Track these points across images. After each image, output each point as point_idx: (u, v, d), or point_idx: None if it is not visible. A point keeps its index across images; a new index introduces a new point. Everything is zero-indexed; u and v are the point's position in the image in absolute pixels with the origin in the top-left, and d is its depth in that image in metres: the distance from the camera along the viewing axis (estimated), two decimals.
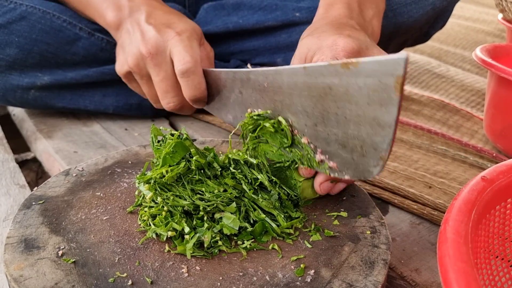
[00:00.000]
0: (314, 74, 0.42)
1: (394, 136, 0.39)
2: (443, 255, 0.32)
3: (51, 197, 0.49)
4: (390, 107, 0.37)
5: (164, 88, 0.64)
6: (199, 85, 0.61)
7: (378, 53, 0.49)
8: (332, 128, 0.43)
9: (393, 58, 0.35)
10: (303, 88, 0.44)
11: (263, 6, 0.81)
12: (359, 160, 0.42)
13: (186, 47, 0.61)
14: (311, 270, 0.40)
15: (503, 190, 0.41)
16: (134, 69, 0.65)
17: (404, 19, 0.81)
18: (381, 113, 0.38)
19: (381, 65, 0.36)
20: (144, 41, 0.63)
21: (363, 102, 0.39)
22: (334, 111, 0.42)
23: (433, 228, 0.60)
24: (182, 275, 0.39)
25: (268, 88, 0.48)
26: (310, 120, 0.45)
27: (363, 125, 0.40)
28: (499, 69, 0.71)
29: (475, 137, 0.85)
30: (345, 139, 0.42)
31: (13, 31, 0.74)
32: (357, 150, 0.42)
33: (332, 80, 0.41)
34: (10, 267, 0.39)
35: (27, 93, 0.79)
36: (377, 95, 0.38)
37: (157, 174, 0.45)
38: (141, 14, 0.66)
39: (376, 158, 0.40)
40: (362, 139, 0.41)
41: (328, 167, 0.45)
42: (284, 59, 0.82)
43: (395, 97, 0.36)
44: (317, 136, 0.45)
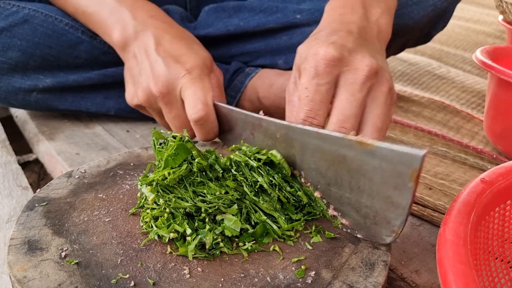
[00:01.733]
0: (328, 141, 0.42)
1: (407, 216, 0.39)
2: (443, 256, 0.32)
3: (54, 199, 0.49)
4: (405, 192, 0.37)
5: (177, 124, 0.63)
6: (212, 130, 0.61)
7: (360, 58, 0.49)
8: (345, 192, 0.43)
9: (411, 152, 0.36)
10: (315, 149, 0.43)
11: (264, 9, 0.81)
12: (372, 227, 0.42)
13: (197, 91, 0.59)
14: (311, 271, 0.40)
15: (502, 192, 0.41)
16: (145, 104, 0.65)
17: (405, 20, 0.82)
18: (395, 195, 0.38)
19: (398, 156, 0.37)
20: (154, 78, 0.61)
21: (377, 180, 0.39)
22: (347, 179, 0.42)
23: (433, 230, 0.60)
24: (184, 277, 0.39)
25: (280, 139, 0.47)
26: (323, 179, 0.44)
27: (377, 199, 0.40)
28: (499, 71, 0.71)
29: (475, 138, 0.85)
30: (358, 205, 0.42)
31: (15, 34, 0.74)
32: (370, 217, 0.41)
33: (346, 152, 0.40)
34: (14, 268, 0.39)
35: (29, 95, 0.79)
36: (392, 179, 0.38)
37: (159, 176, 0.45)
38: (148, 39, 0.65)
39: (389, 230, 0.40)
40: (375, 210, 0.41)
41: (341, 223, 0.45)
42: (285, 61, 0.82)
43: (410, 185, 0.37)
44: (330, 195, 0.45)
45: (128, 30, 0.67)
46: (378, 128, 0.49)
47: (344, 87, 0.49)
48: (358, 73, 0.49)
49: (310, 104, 0.48)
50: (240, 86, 0.82)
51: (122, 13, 0.68)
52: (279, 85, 0.78)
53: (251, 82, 0.81)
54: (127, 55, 0.68)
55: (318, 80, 0.49)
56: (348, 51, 0.50)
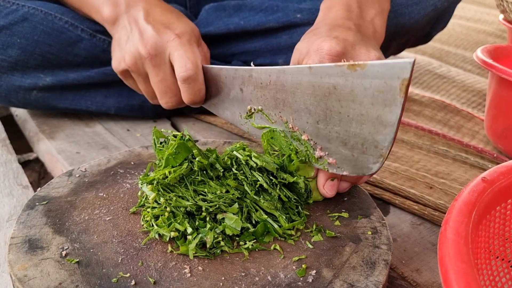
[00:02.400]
0: (320, 74, 0.43)
1: (395, 135, 0.40)
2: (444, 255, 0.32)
3: (54, 198, 0.49)
4: (394, 107, 0.39)
5: (162, 89, 0.64)
6: (198, 91, 0.61)
7: (365, 52, 0.50)
8: (334, 126, 0.44)
9: (400, 61, 0.37)
10: (307, 87, 0.45)
11: (265, 8, 0.81)
12: (359, 157, 0.43)
13: (187, 52, 0.60)
14: (312, 270, 0.40)
15: (504, 191, 0.41)
16: (132, 68, 0.65)
17: (405, 20, 0.82)
18: (384, 113, 0.39)
19: (388, 68, 0.38)
20: (143, 41, 0.62)
21: (367, 102, 0.40)
22: (337, 110, 0.43)
23: (434, 229, 0.60)
24: (185, 275, 0.39)
25: (270, 85, 0.49)
26: (312, 118, 0.46)
27: (366, 123, 0.41)
28: (500, 70, 0.71)
29: (476, 137, 0.85)
30: (346, 137, 0.43)
31: (15, 32, 0.74)
32: (358, 147, 0.43)
33: (337, 80, 0.42)
34: (15, 267, 0.39)
35: (29, 94, 0.79)
36: (382, 96, 0.39)
37: (160, 175, 0.45)
38: (138, 11, 0.66)
39: (376, 156, 0.42)
40: (363, 137, 0.42)
41: (327, 163, 0.46)
42: (285, 61, 0.82)
43: (399, 98, 0.38)
44: (317, 134, 0.46)
45: (119, 6, 0.67)
46: None
47: None
48: None
49: None
50: None
51: None
52: None
53: None
54: (116, 28, 0.68)
55: None
56: (351, 46, 0.50)
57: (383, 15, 0.63)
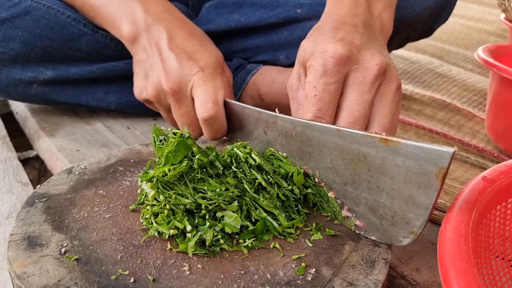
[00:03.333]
0: (349, 139, 0.41)
1: (429, 217, 0.38)
2: (444, 254, 0.32)
3: (54, 195, 0.49)
4: (429, 192, 0.36)
5: (184, 122, 0.62)
6: (220, 130, 0.60)
7: (370, 57, 0.48)
8: (362, 192, 0.42)
9: (440, 149, 0.34)
10: (334, 148, 0.43)
11: (265, 4, 0.81)
12: (389, 228, 0.41)
13: (208, 89, 0.59)
14: (312, 268, 0.40)
15: (504, 190, 0.41)
16: (154, 99, 0.64)
17: (407, 13, 0.81)
18: (418, 194, 0.37)
19: (425, 153, 0.35)
20: (165, 73, 0.60)
21: (399, 179, 0.38)
22: (366, 178, 0.41)
23: (434, 228, 0.60)
24: (184, 273, 0.39)
25: (296, 137, 0.47)
26: (339, 178, 0.44)
27: (397, 199, 0.39)
28: (501, 69, 0.71)
29: (476, 137, 0.85)
30: (375, 206, 0.41)
31: (17, 25, 0.74)
32: (388, 218, 0.41)
33: (367, 150, 0.40)
34: (14, 264, 0.39)
35: (30, 87, 0.79)
36: (416, 178, 0.37)
37: (160, 173, 0.45)
38: (161, 32, 0.64)
39: (407, 231, 0.39)
40: (394, 211, 0.40)
41: (354, 224, 0.44)
42: (287, 56, 0.82)
43: (435, 184, 0.36)
44: (345, 195, 0.44)
45: (139, 24, 0.66)
46: (386, 127, 0.48)
47: (353, 86, 0.48)
48: (368, 72, 0.47)
49: (318, 103, 0.47)
50: (241, 83, 0.82)
51: (133, 6, 0.67)
52: (281, 82, 0.78)
53: (252, 79, 0.81)
54: (136, 48, 0.67)
55: (327, 79, 0.47)
56: (356, 49, 0.48)
57: (391, 8, 0.61)
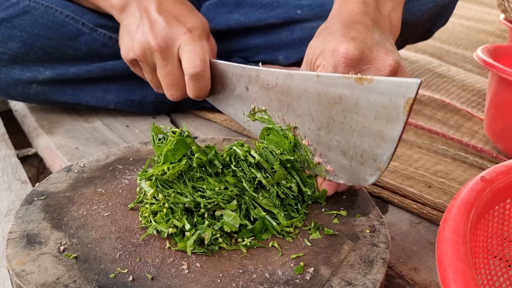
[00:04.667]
0: (326, 82, 0.43)
1: (395, 151, 0.40)
2: (442, 254, 0.32)
3: (53, 193, 0.49)
4: (396, 124, 0.39)
5: (169, 81, 0.64)
6: (204, 87, 0.62)
7: (383, 56, 0.47)
8: (335, 135, 0.44)
9: (407, 80, 0.37)
10: (312, 93, 0.45)
11: (265, 4, 0.81)
12: (357, 168, 0.44)
13: (196, 48, 0.61)
14: (310, 268, 0.40)
15: (502, 191, 0.41)
16: (140, 58, 0.65)
17: (406, 16, 0.81)
18: (386, 128, 0.40)
19: (395, 85, 0.38)
20: (153, 32, 0.62)
21: (370, 116, 0.41)
22: (340, 120, 0.43)
23: (432, 228, 0.60)
24: (183, 272, 0.39)
25: (276, 88, 0.49)
26: (314, 125, 0.46)
27: (367, 136, 0.42)
28: (500, 70, 0.71)
29: (475, 137, 0.85)
30: (346, 147, 0.44)
31: (15, 25, 0.74)
32: (357, 158, 0.43)
33: (343, 91, 0.42)
34: (12, 262, 0.39)
35: (29, 87, 0.79)
36: (386, 111, 0.39)
37: (159, 171, 0.45)
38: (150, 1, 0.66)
39: (374, 168, 0.42)
40: (363, 149, 0.42)
41: (325, 169, 0.47)
42: (286, 57, 0.82)
43: (402, 116, 0.38)
44: (318, 140, 0.46)
45: None
46: None
47: None
48: (380, 73, 0.47)
49: None
50: None
51: None
52: None
53: None
54: (125, 15, 0.68)
55: None
56: (369, 49, 0.47)
57: (399, 8, 0.61)
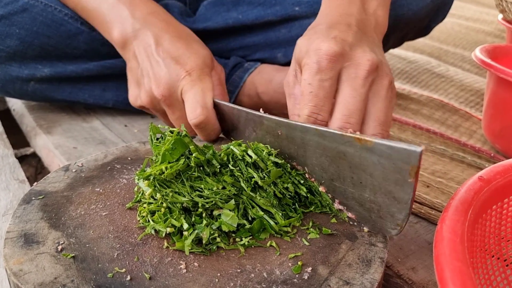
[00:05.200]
0: (328, 138, 0.42)
1: (410, 210, 0.39)
2: (439, 254, 0.32)
3: (50, 193, 0.49)
4: (406, 188, 0.38)
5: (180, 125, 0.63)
6: (213, 132, 0.61)
7: (361, 53, 0.49)
8: (348, 187, 0.43)
9: (409, 149, 0.36)
10: (317, 146, 0.44)
11: (263, 1, 0.81)
12: (377, 220, 0.43)
13: (196, 95, 0.59)
14: (308, 267, 0.40)
15: (500, 190, 0.41)
16: (148, 106, 0.65)
17: (404, 12, 0.81)
18: (396, 190, 0.39)
19: (395, 151, 0.37)
20: (155, 81, 0.62)
21: (378, 176, 0.40)
22: (349, 175, 0.42)
23: (430, 227, 0.61)
24: (181, 271, 0.39)
25: (282, 136, 0.48)
26: (326, 175, 0.45)
27: (379, 194, 0.40)
28: (498, 70, 0.71)
29: (473, 137, 0.85)
30: (361, 200, 0.43)
31: (14, 22, 0.74)
32: (374, 211, 0.42)
33: (346, 148, 0.41)
34: (10, 262, 0.39)
35: (27, 85, 0.79)
36: (392, 175, 0.38)
37: (157, 171, 0.45)
38: (148, 38, 0.64)
39: (393, 223, 0.41)
40: (378, 205, 0.41)
41: (347, 216, 0.46)
42: (284, 54, 0.82)
43: (410, 181, 0.37)
44: (334, 190, 0.45)
45: (127, 29, 0.66)
46: (381, 121, 0.49)
47: (347, 82, 0.49)
48: (360, 68, 0.49)
49: (314, 100, 0.48)
50: (239, 82, 0.82)
51: (120, 11, 0.67)
52: (278, 80, 0.78)
53: (250, 77, 0.81)
54: (128, 55, 0.68)
55: (321, 75, 0.48)
56: (349, 46, 0.50)
57: (385, 5, 0.62)
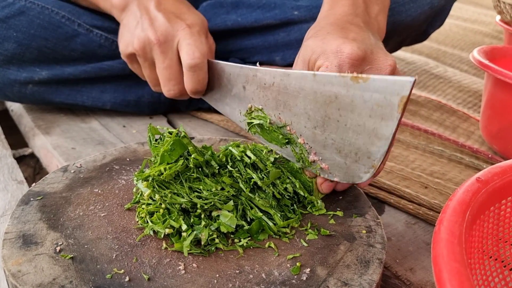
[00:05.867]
0: (323, 81, 0.44)
1: (389, 149, 0.41)
2: (437, 255, 0.32)
3: (49, 193, 0.49)
4: (390, 122, 0.40)
5: (167, 75, 0.65)
6: (202, 80, 0.62)
7: (384, 57, 0.49)
8: (331, 133, 0.45)
9: (401, 79, 0.38)
10: (309, 92, 0.45)
11: (262, 4, 0.81)
12: (352, 165, 0.45)
13: (196, 42, 0.62)
14: (307, 268, 0.40)
15: (498, 192, 0.41)
16: (139, 52, 0.66)
17: (402, 18, 0.82)
18: (380, 126, 0.41)
19: (389, 84, 0.39)
20: (153, 27, 0.63)
21: (365, 114, 0.41)
22: (335, 118, 0.44)
23: (428, 228, 0.61)
24: (179, 272, 0.39)
25: (273, 87, 0.49)
26: (310, 123, 0.46)
27: (362, 134, 0.42)
28: (496, 71, 0.71)
29: (471, 138, 0.85)
30: (341, 145, 0.45)
31: (11, 25, 0.74)
32: (351, 156, 0.44)
33: (339, 89, 0.43)
34: (8, 262, 0.39)
35: (25, 87, 0.79)
36: (380, 109, 0.40)
37: (155, 172, 0.45)
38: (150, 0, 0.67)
39: (368, 166, 0.43)
40: (358, 147, 0.43)
41: (320, 167, 0.47)
42: (283, 58, 0.82)
43: (396, 113, 0.39)
44: (314, 139, 0.47)
45: None
46: None
47: None
48: (381, 72, 0.48)
49: None
50: None
51: None
52: None
53: None
54: (125, 14, 0.69)
55: None
56: (370, 50, 0.48)
57: (385, 11, 0.63)
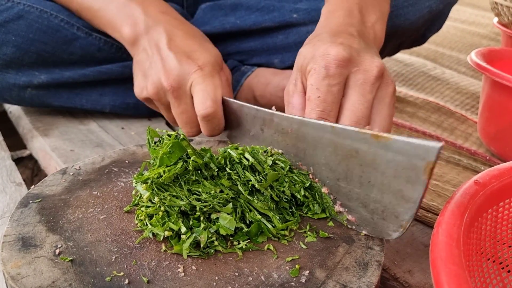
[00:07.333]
0: (342, 135, 0.43)
1: (417, 211, 0.39)
2: (436, 257, 0.32)
3: (48, 196, 0.49)
4: (417, 186, 0.38)
5: (184, 119, 0.63)
6: (218, 127, 0.61)
7: (370, 59, 0.50)
8: (355, 187, 0.43)
9: (427, 144, 0.36)
10: (328, 144, 0.44)
11: (261, 7, 0.81)
12: (379, 222, 0.43)
13: (207, 87, 0.60)
14: (305, 270, 0.40)
15: (495, 194, 0.42)
16: (154, 97, 0.65)
17: (401, 22, 0.82)
18: (406, 189, 0.39)
19: (413, 147, 0.37)
20: (165, 72, 0.62)
21: (389, 174, 0.40)
22: (358, 173, 0.42)
23: (426, 230, 0.61)
24: (178, 275, 0.39)
25: (292, 134, 0.48)
26: (332, 174, 0.45)
27: (387, 193, 0.41)
28: (494, 73, 0.71)
29: (469, 140, 0.86)
30: (366, 200, 0.43)
31: (10, 30, 0.74)
32: (378, 212, 0.42)
33: (360, 145, 0.41)
34: (8, 265, 0.39)
35: (24, 91, 0.79)
36: (405, 172, 0.38)
37: (155, 174, 0.45)
38: (160, 34, 0.65)
39: (396, 225, 0.41)
40: (384, 205, 0.41)
41: (346, 219, 0.46)
42: (281, 60, 0.82)
43: (423, 178, 0.37)
44: (338, 190, 0.45)
45: (139, 25, 0.67)
46: (385, 129, 0.49)
47: (355, 88, 0.49)
48: (368, 73, 0.49)
49: (322, 105, 0.48)
50: (236, 85, 0.82)
51: (132, 9, 0.68)
52: (275, 84, 0.78)
53: (247, 80, 0.82)
54: (137, 50, 0.68)
55: (330, 80, 0.48)
56: (356, 52, 0.50)
57: (383, 19, 0.63)
